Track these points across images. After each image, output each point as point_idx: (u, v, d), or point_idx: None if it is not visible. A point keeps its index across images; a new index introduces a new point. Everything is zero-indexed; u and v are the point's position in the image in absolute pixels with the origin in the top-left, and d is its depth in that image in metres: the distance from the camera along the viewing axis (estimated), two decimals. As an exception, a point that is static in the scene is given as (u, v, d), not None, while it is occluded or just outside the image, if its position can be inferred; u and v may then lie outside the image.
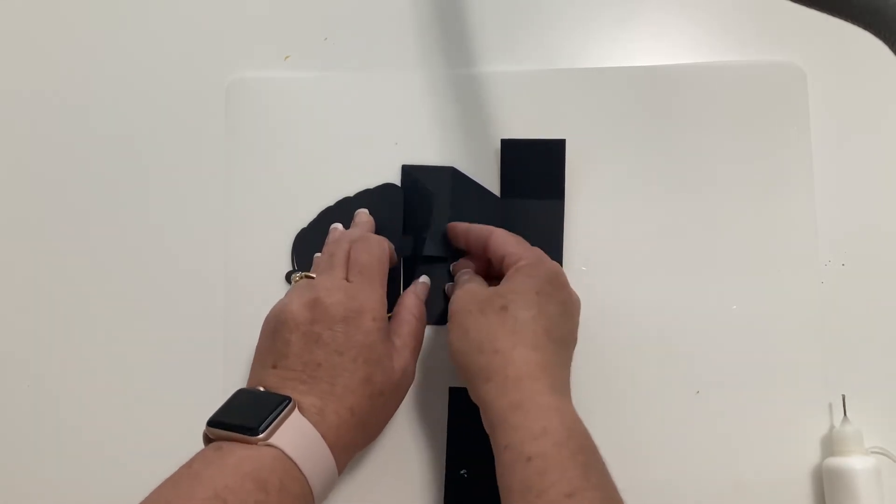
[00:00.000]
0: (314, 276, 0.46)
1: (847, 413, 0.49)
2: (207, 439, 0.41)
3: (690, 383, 0.51)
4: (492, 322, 0.42)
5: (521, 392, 0.40)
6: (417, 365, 0.49)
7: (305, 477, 0.39)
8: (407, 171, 0.54)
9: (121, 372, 0.53)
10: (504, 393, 0.40)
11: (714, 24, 0.56)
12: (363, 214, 0.52)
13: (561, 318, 0.44)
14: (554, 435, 0.38)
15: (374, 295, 0.44)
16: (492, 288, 0.45)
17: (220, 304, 0.53)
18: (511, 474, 0.38)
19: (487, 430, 0.42)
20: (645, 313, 0.51)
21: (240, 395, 0.42)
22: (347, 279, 0.45)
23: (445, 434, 0.50)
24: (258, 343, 0.45)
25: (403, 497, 0.50)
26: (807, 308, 0.51)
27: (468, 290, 0.46)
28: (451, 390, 0.51)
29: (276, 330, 0.43)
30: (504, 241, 0.47)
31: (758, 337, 0.51)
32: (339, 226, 0.52)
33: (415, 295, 0.49)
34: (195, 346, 0.53)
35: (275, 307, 0.45)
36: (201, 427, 0.51)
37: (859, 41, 0.32)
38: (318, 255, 0.50)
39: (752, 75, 0.54)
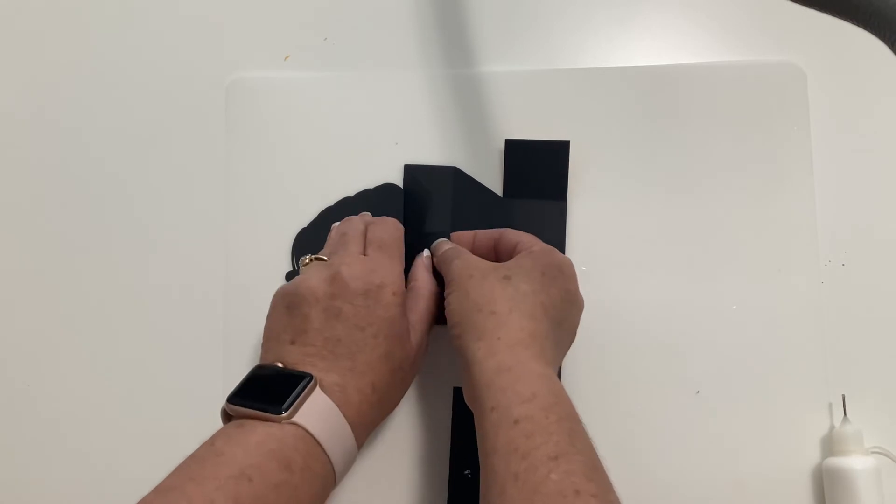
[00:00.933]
0: (325, 258, 0.45)
1: (847, 413, 0.49)
2: (226, 416, 0.40)
3: (690, 383, 0.51)
4: (493, 286, 0.43)
5: (512, 356, 0.40)
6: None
7: (328, 455, 0.39)
8: (409, 170, 0.54)
9: (121, 371, 0.53)
10: (494, 354, 0.40)
11: (714, 24, 0.56)
12: (367, 216, 0.52)
13: (562, 303, 0.44)
14: (542, 400, 0.38)
15: (393, 269, 0.44)
16: (497, 263, 0.45)
17: (220, 304, 0.53)
18: (496, 436, 0.37)
19: (469, 396, 0.42)
20: (645, 313, 0.51)
21: (259, 371, 0.41)
22: (366, 253, 0.45)
23: (449, 434, 0.50)
24: (269, 320, 0.44)
25: (407, 497, 0.50)
26: (807, 308, 0.51)
27: (469, 259, 0.46)
28: (455, 390, 0.51)
29: (293, 304, 0.42)
30: (518, 233, 0.49)
31: (758, 337, 0.51)
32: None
33: (426, 269, 0.49)
34: (195, 345, 0.53)
35: (289, 284, 0.44)
36: (202, 424, 0.51)
37: (859, 41, 0.32)
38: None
39: (752, 75, 0.54)
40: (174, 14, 0.58)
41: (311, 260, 0.46)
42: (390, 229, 0.47)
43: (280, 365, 0.41)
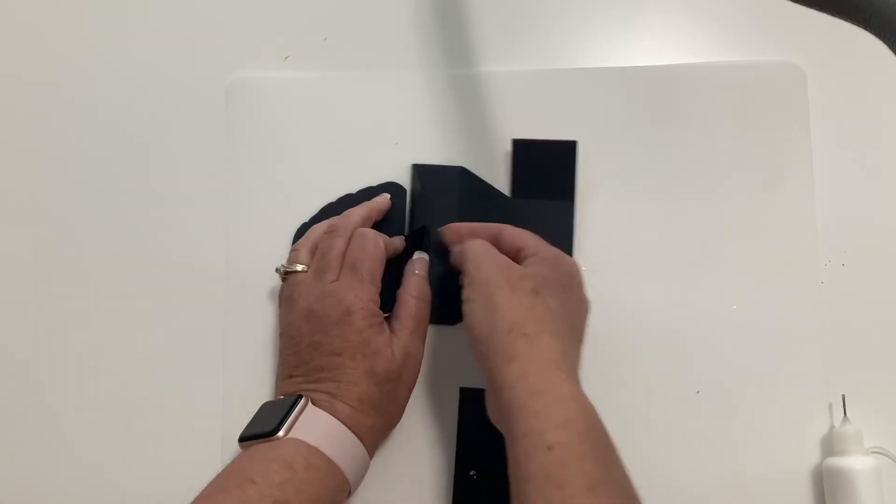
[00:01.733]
0: (298, 269, 0.49)
1: (847, 413, 0.49)
2: None
3: (690, 383, 0.51)
4: (523, 303, 0.42)
5: (544, 379, 0.39)
6: (427, 365, 0.50)
7: (328, 456, 0.43)
8: (417, 169, 0.53)
9: (121, 366, 0.53)
10: (526, 377, 0.39)
11: (714, 24, 0.56)
12: (357, 216, 0.51)
13: (578, 314, 0.45)
14: (576, 425, 0.37)
15: (361, 293, 0.46)
16: (519, 267, 0.44)
17: (221, 302, 0.53)
18: (529, 462, 0.37)
19: (497, 416, 0.41)
20: (645, 313, 0.51)
21: (263, 407, 0.47)
22: (339, 278, 0.47)
23: (455, 435, 0.50)
24: (278, 358, 0.50)
25: (412, 497, 0.50)
26: (807, 308, 0.51)
27: (494, 257, 0.44)
28: (461, 391, 0.50)
29: (286, 346, 0.48)
30: (520, 234, 0.47)
31: (758, 337, 0.51)
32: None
33: (415, 275, 0.50)
34: (196, 339, 0.53)
35: (283, 321, 0.49)
36: (201, 419, 0.51)
37: (859, 41, 0.32)
38: (296, 246, 0.51)
39: (752, 75, 0.54)
40: (174, 14, 0.58)
41: (285, 272, 0.49)
42: (367, 247, 0.47)
43: (281, 397, 0.46)
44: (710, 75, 0.54)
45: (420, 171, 0.53)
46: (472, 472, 0.49)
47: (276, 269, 0.50)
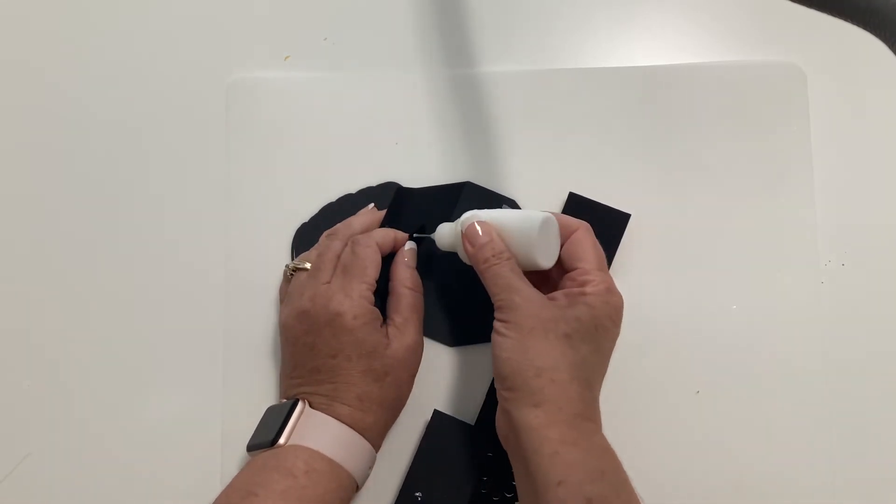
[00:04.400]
0: (306, 265, 0.49)
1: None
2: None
3: (690, 383, 0.51)
4: (554, 348, 0.41)
5: (575, 429, 0.40)
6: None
7: (329, 458, 0.43)
8: (467, 187, 0.53)
9: (121, 366, 0.53)
10: (555, 424, 0.40)
11: (714, 24, 0.56)
12: (365, 219, 0.52)
13: (607, 354, 0.44)
14: (611, 477, 0.39)
15: (352, 293, 0.46)
16: (554, 307, 0.43)
17: (221, 302, 0.53)
18: None
19: (523, 464, 0.41)
20: (645, 313, 0.51)
21: (266, 412, 0.48)
22: (331, 280, 0.47)
23: (413, 453, 0.49)
24: (281, 354, 0.50)
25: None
26: (807, 308, 0.51)
27: (529, 298, 0.42)
28: (434, 413, 0.49)
29: (283, 344, 0.49)
30: (584, 249, 0.45)
31: (758, 337, 0.51)
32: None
33: (405, 266, 0.50)
34: (196, 339, 0.52)
35: (280, 318, 0.49)
36: (200, 421, 0.51)
37: (859, 41, 0.32)
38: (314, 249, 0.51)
39: (752, 75, 0.54)
40: (174, 14, 0.58)
41: (294, 270, 0.50)
42: (357, 250, 0.47)
43: (284, 400, 0.47)
44: (710, 75, 0.54)
45: (469, 189, 0.53)
46: (417, 494, 0.48)
47: (286, 266, 0.51)
